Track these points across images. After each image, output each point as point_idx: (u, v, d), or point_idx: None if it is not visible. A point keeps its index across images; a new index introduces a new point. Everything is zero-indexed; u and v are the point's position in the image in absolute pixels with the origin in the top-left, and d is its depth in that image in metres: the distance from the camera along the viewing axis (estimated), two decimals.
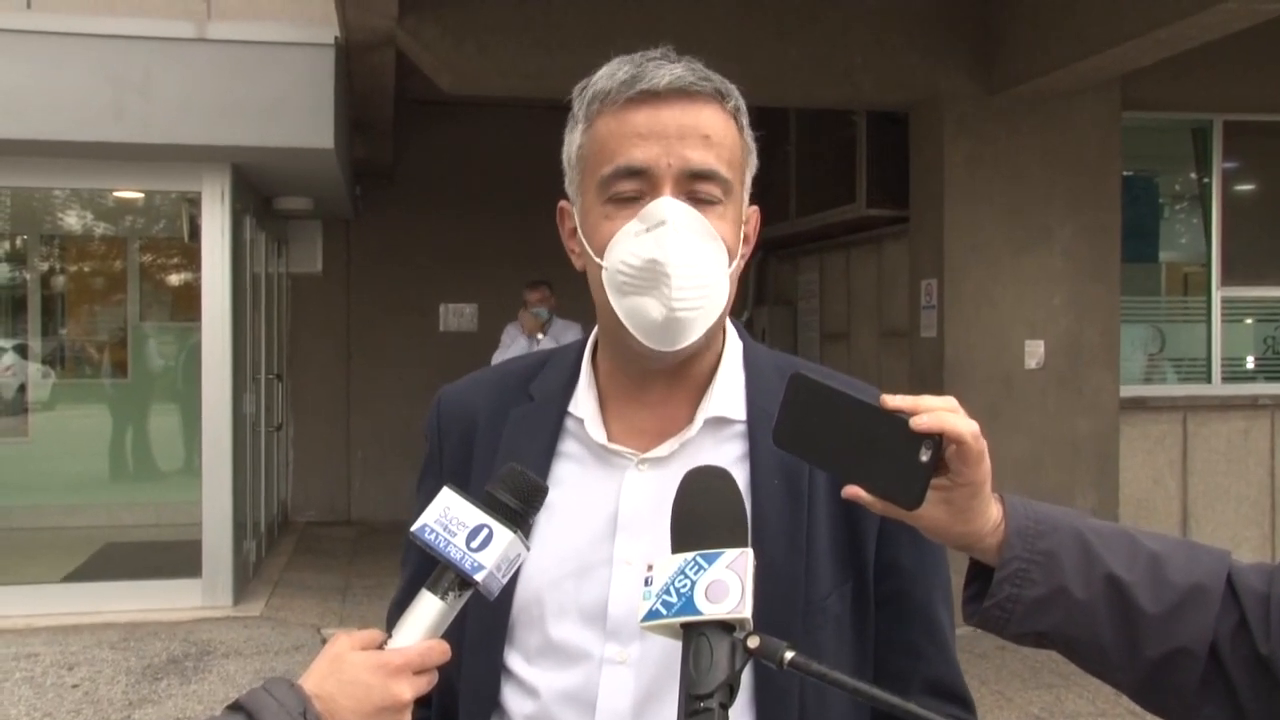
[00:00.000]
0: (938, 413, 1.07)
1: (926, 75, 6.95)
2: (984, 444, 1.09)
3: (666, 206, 1.24)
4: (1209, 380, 8.21)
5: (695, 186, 1.26)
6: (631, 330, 1.27)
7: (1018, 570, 1.13)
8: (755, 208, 1.38)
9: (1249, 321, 8.44)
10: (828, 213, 8.84)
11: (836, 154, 8.66)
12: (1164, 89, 7.48)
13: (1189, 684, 1.12)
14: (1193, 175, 8.49)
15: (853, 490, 1.10)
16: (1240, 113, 8.09)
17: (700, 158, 1.26)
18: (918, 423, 1.06)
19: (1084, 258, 7.15)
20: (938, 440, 1.06)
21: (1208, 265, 8.24)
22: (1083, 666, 1.19)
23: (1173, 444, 8.03)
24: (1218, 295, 8.18)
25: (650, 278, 1.23)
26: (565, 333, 8.19)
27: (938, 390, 6.76)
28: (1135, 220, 7.80)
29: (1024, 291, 7.08)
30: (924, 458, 1.06)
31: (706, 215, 1.26)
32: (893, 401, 1.09)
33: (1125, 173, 7.41)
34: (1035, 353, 7.08)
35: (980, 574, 1.19)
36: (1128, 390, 7.59)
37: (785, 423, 1.14)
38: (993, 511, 1.14)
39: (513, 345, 8.34)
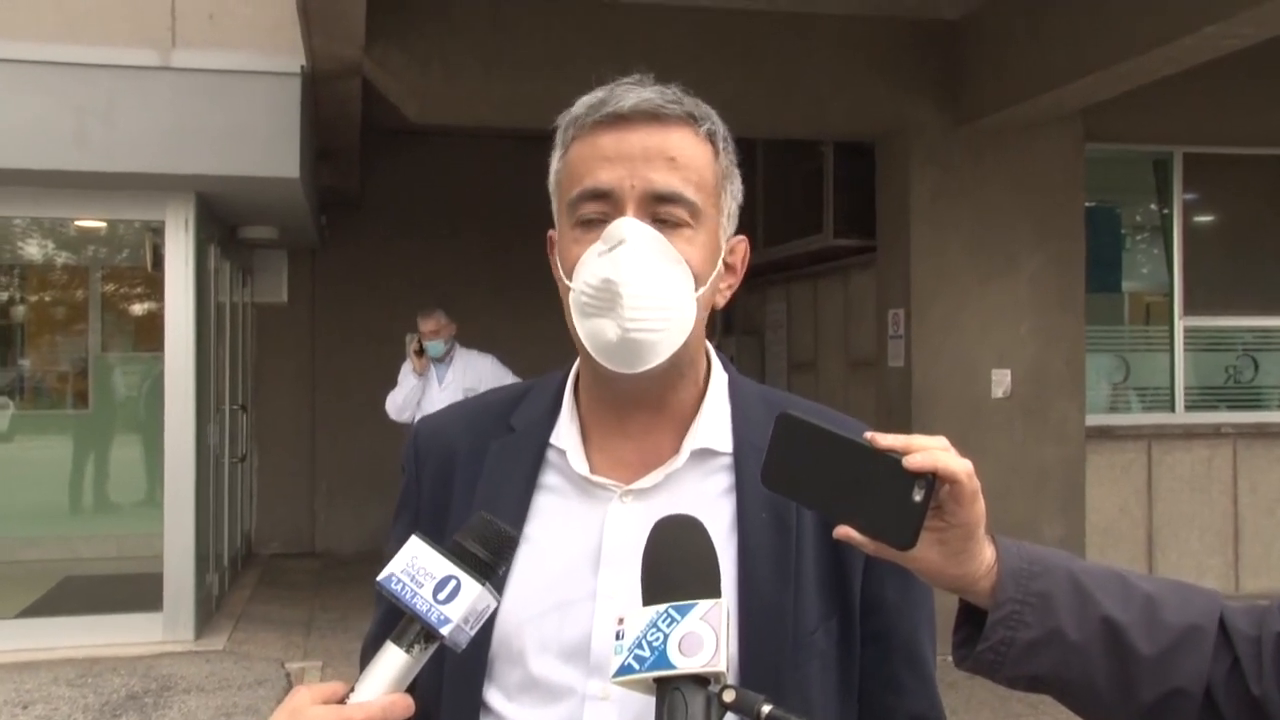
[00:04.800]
0: (931, 451, 1.05)
1: (893, 106, 7.01)
2: (978, 484, 1.07)
3: (626, 226, 1.23)
4: (1172, 409, 8.28)
5: (659, 209, 1.25)
6: (592, 352, 1.26)
7: (1011, 613, 1.11)
8: (742, 237, 1.36)
9: (1211, 351, 8.53)
10: (795, 243, 8.88)
11: (803, 184, 8.71)
12: (1125, 121, 7.57)
13: None
14: (1154, 206, 8.60)
15: (844, 531, 1.08)
16: (1200, 145, 8.21)
17: (664, 180, 1.24)
18: (910, 461, 1.04)
19: (1049, 287, 7.21)
20: (931, 480, 1.04)
21: (1170, 295, 8.33)
22: (1076, 710, 1.17)
23: (1138, 472, 8.09)
24: (1180, 325, 8.27)
25: (607, 298, 1.22)
26: (473, 364, 7.47)
27: (905, 419, 6.80)
28: (1098, 250, 7.88)
29: (990, 321, 7.12)
30: (917, 497, 1.04)
31: (671, 238, 1.24)
32: (884, 440, 1.07)
33: (1088, 204, 7.48)
34: (1002, 382, 7.11)
35: (970, 618, 1.17)
36: (1093, 419, 7.64)
37: (773, 462, 1.12)
38: (986, 553, 1.12)
39: (400, 388, 7.52)
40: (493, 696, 1.30)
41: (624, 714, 1.23)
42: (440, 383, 7.43)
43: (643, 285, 1.22)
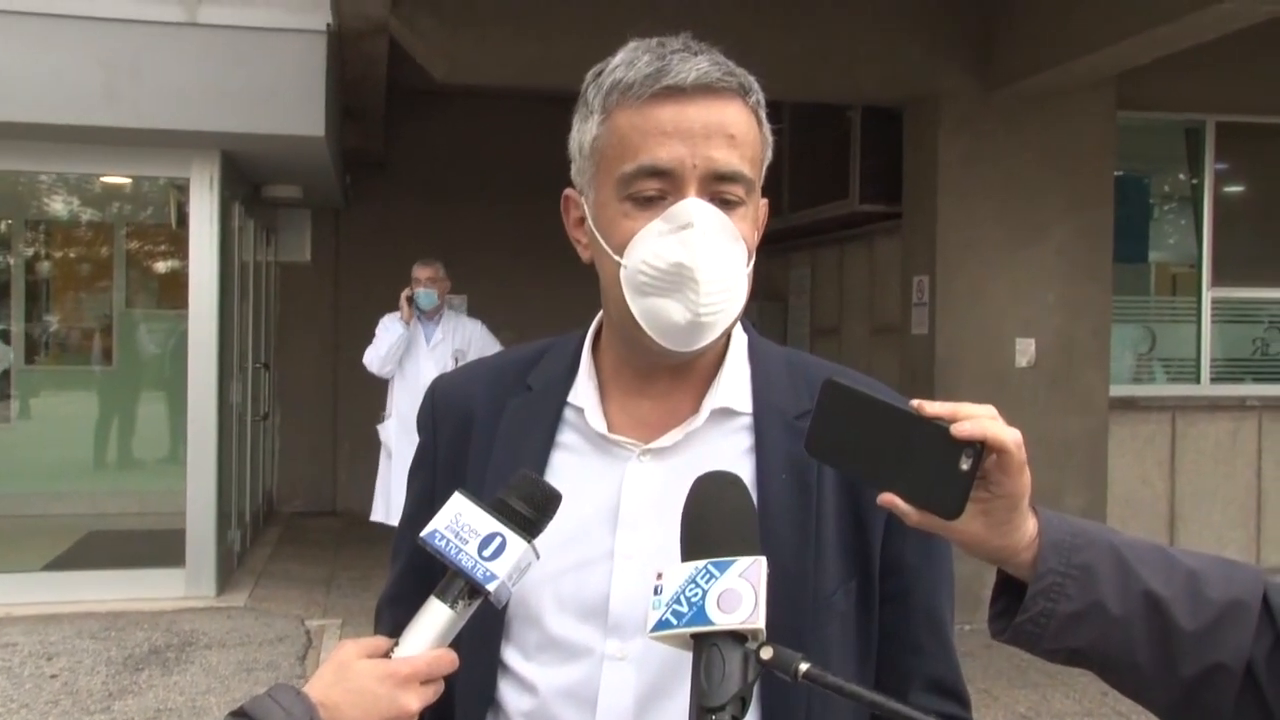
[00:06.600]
0: (979, 420, 1.04)
1: (925, 71, 6.93)
2: (1025, 454, 1.06)
3: (694, 209, 1.21)
4: (1198, 381, 8.22)
5: (719, 188, 1.23)
6: (648, 331, 1.24)
7: (1053, 584, 1.09)
8: (764, 199, 1.35)
9: (1238, 323, 8.45)
10: (821, 208, 8.81)
11: (830, 149, 8.63)
12: (1158, 89, 7.47)
13: (1224, 704, 1.09)
14: (1183, 176, 8.50)
15: (889, 498, 1.07)
16: (1233, 114, 8.09)
17: (725, 158, 1.22)
18: (959, 430, 1.03)
19: (1077, 256, 7.14)
20: (978, 449, 1.03)
21: (1198, 266, 8.24)
22: (1116, 685, 1.16)
23: (1161, 444, 8.04)
24: (1208, 296, 8.19)
25: (675, 281, 1.21)
26: (462, 326, 7.26)
27: (928, 388, 6.77)
28: (1126, 220, 7.80)
29: (1016, 289, 7.07)
30: (964, 466, 1.03)
31: (730, 216, 1.23)
32: (931, 408, 1.06)
33: (1117, 172, 7.39)
34: (1026, 351, 7.07)
35: (1007, 590, 1.15)
36: (1117, 390, 7.59)
37: (818, 430, 1.10)
38: (1029, 525, 1.11)
39: (384, 338, 7.11)
40: (510, 656, 1.30)
41: (642, 674, 1.24)
42: (429, 342, 7.15)
43: (716, 269, 1.21)
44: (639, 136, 1.23)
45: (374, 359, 7.17)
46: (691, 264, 1.20)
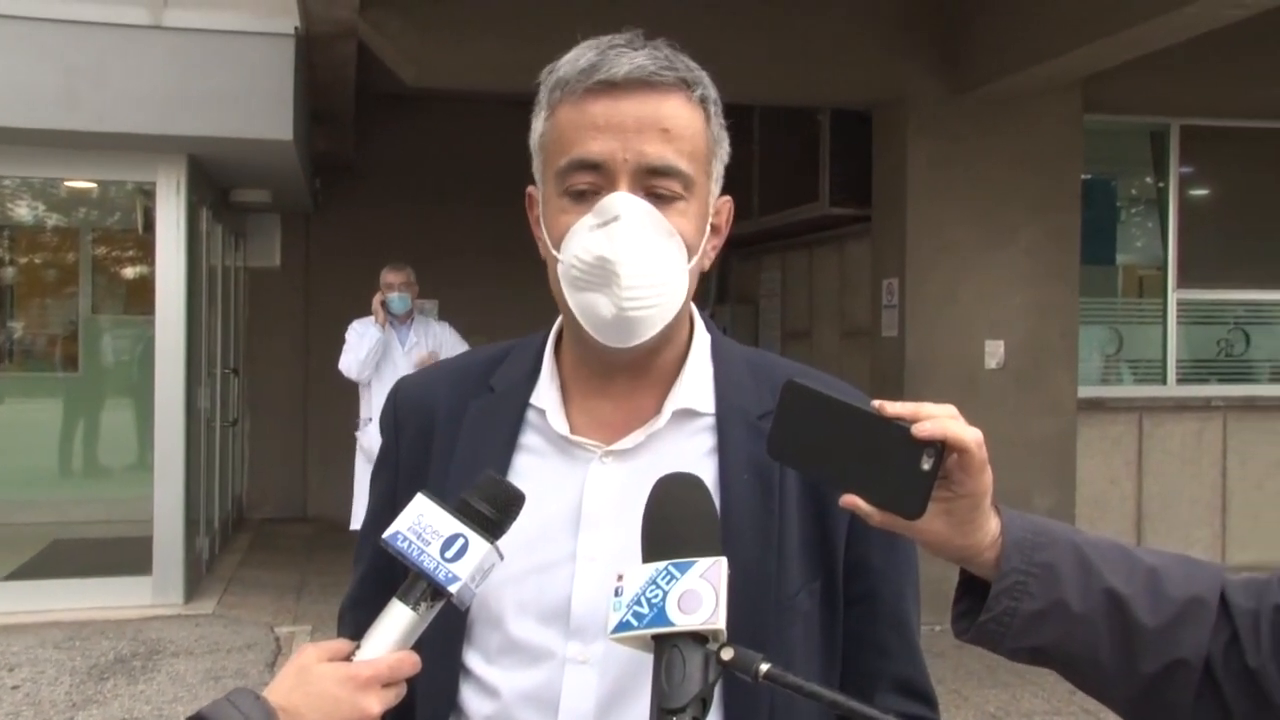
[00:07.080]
0: (940, 419, 1.04)
1: (895, 75, 6.96)
2: (986, 453, 1.06)
3: (620, 202, 1.21)
4: (1164, 382, 8.29)
5: (653, 182, 1.22)
6: (585, 325, 1.24)
7: (1016, 583, 1.10)
8: (727, 198, 1.35)
9: (1203, 324, 8.54)
10: (790, 211, 8.84)
11: (800, 152, 8.66)
12: (1124, 92, 7.53)
13: (1184, 699, 1.10)
14: (1149, 179, 8.58)
15: (851, 499, 1.07)
16: (1198, 117, 8.18)
17: (657, 152, 1.22)
18: (919, 430, 1.03)
19: (1045, 258, 7.19)
20: (939, 448, 1.03)
21: (1164, 268, 8.32)
22: (1078, 683, 1.16)
23: (1129, 444, 8.10)
24: (1173, 297, 8.27)
25: (601, 275, 1.21)
26: (432, 329, 7.32)
27: (898, 390, 6.79)
28: (1093, 222, 7.86)
29: (986, 291, 7.11)
30: (926, 466, 1.03)
31: (665, 212, 1.22)
32: (892, 408, 1.06)
33: (1084, 175, 7.45)
34: (995, 353, 7.11)
35: (970, 590, 1.16)
36: (1085, 391, 7.65)
37: (779, 432, 1.10)
38: (992, 524, 1.11)
39: (361, 343, 7.06)
40: (472, 660, 1.29)
41: (604, 677, 1.23)
42: (404, 346, 7.17)
43: (639, 263, 1.20)
44: (574, 131, 1.24)
45: (353, 363, 7.13)
46: (614, 257, 1.20)
